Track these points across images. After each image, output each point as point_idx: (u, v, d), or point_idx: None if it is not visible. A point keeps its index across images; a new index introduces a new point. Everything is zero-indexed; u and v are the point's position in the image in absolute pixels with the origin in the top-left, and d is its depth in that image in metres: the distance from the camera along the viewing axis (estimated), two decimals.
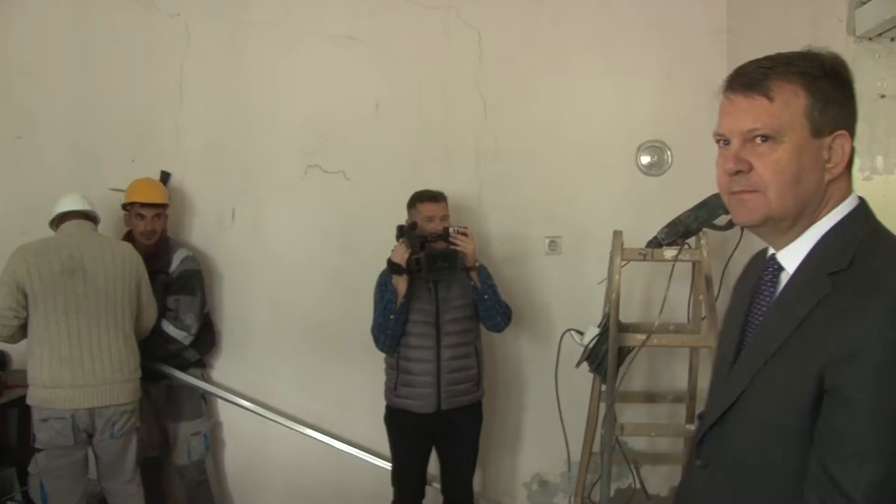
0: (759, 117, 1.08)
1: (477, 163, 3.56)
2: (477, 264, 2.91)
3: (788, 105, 1.07)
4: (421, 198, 2.96)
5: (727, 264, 3.02)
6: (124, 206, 3.39)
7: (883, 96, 2.17)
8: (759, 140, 1.08)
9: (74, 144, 3.66)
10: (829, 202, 1.11)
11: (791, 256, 1.14)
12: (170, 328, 3.29)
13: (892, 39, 2.14)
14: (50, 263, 2.91)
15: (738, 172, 1.09)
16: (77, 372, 2.89)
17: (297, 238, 3.63)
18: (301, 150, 3.60)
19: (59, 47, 3.66)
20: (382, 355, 3.06)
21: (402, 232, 2.86)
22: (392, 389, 2.97)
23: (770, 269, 1.19)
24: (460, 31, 3.51)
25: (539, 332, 3.55)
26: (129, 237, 3.35)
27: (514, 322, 3.10)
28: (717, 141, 1.15)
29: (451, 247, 2.82)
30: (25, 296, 2.88)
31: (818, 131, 1.08)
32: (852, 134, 1.10)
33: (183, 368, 3.38)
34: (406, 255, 2.78)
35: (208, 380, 3.57)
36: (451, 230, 2.84)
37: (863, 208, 1.13)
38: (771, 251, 1.19)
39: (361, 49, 3.57)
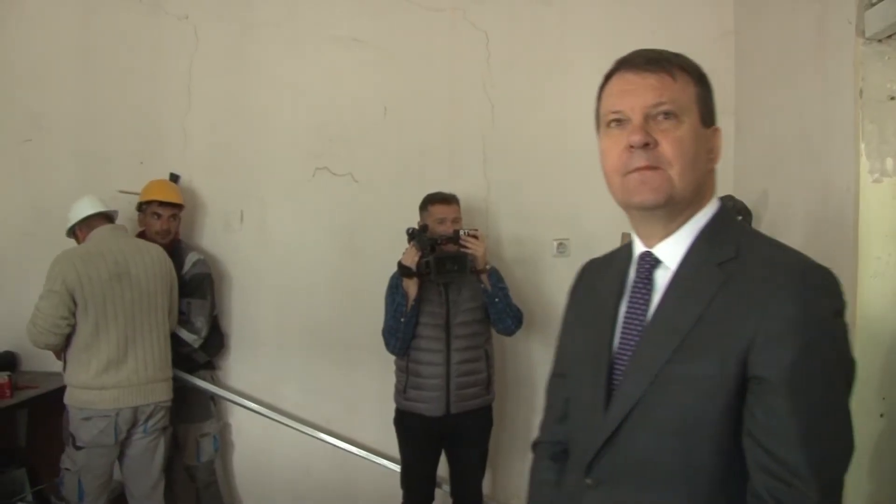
0: (664, 92, 1.07)
1: (485, 165, 3.56)
2: (488, 267, 2.91)
3: (686, 88, 1.09)
4: (433, 200, 2.97)
5: None
6: (139, 206, 3.40)
7: (892, 98, 2.16)
8: (661, 117, 1.07)
9: (82, 147, 3.69)
10: (707, 195, 1.14)
11: (670, 251, 1.12)
12: (181, 331, 3.30)
13: None
14: (98, 270, 2.92)
15: (645, 146, 1.07)
16: (122, 373, 2.94)
17: (305, 240, 3.64)
18: (309, 153, 3.61)
19: (66, 50, 3.69)
20: (390, 357, 3.07)
21: (412, 235, 2.86)
22: (401, 392, 2.97)
23: (644, 267, 1.15)
24: (467, 33, 3.51)
25: (548, 335, 3.54)
26: (141, 237, 3.36)
27: (523, 324, 3.09)
28: (608, 123, 1.12)
29: (462, 249, 2.82)
30: (75, 303, 2.89)
31: (705, 120, 1.11)
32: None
33: (192, 371, 3.39)
34: (416, 258, 2.78)
35: (217, 382, 3.58)
36: (461, 232, 2.84)
37: (726, 208, 1.18)
38: (640, 249, 1.17)
39: (367, 51, 3.57)
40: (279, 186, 3.64)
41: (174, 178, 3.62)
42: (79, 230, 3.13)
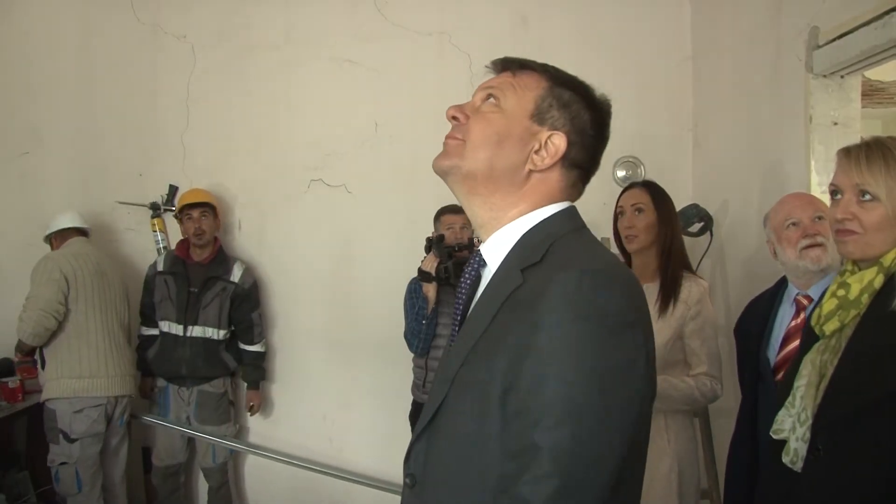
0: (494, 81, 1.12)
1: None
2: None
3: (526, 85, 1.10)
4: (444, 211, 3.23)
5: (697, 268, 3.40)
6: (177, 217, 3.61)
7: (836, 123, 2.55)
8: (487, 99, 1.10)
9: (81, 160, 3.84)
10: (530, 195, 1.09)
11: (493, 251, 1.10)
12: (260, 346, 3.64)
13: (842, 76, 2.52)
14: (86, 265, 3.23)
15: (454, 119, 1.12)
16: (111, 362, 3.23)
17: (301, 247, 3.85)
18: (304, 166, 3.83)
19: (66, 66, 3.84)
20: (386, 358, 3.32)
21: (430, 244, 3.12)
22: (420, 386, 3.17)
23: (473, 264, 1.16)
24: (452, 55, 3.78)
25: None
26: (183, 244, 3.58)
27: None
28: None
29: None
30: (68, 291, 3.15)
31: (537, 116, 1.08)
32: (578, 145, 1.09)
33: (226, 375, 3.62)
34: (435, 265, 3.04)
35: (237, 385, 3.76)
36: (475, 240, 3.12)
37: (570, 212, 1.11)
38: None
39: (360, 71, 3.81)
40: (276, 197, 3.86)
41: (173, 189, 3.80)
42: (54, 238, 3.41)
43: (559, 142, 1.08)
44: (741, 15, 3.15)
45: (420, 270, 3.03)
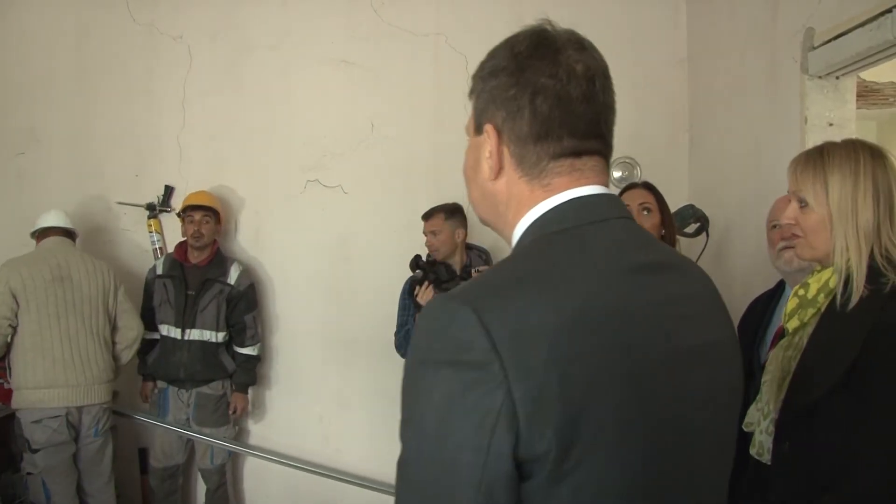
0: None
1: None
2: None
3: (472, 107, 0.98)
4: (423, 216, 3.24)
5: None
6: (179, 216, 3.59)
7: (831, 124, 2.56)
8: None
9: (78, 160, 3.83)
10: (511, 206, 0.93)
11: None
12: (252, 349, 3.58)
13: (837, 78, 2.53)
14: (41, 272, 3.14)
15: None
16: (69, 372, 3.13)
17: (297, 247, 3.85)
18: (301, 166, 3.83)
19: (62, 67, 3.83)
20: (384, 359, 3.31)
21: (417, 264, 3.09)
22: None
23: None
24: (448, 56, 3.78)
25: None
26: (181, 247, 3.57)
27: None
28: None
29: None
30: (17, 304, 3.08)
31: (476, 128, 0.96)
32: (510, 116, 0.90)
33: (224, 376, 3.58)
34: (431, 295, 2.99)
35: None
36: (473, 271, 3.09)
37: (550, 216, 0.89)
38: None
39: (357, 72, 3.82)
40: (272, 198, 3.85)
41: (168, 190, 3.80)
42: (38, 237, 3.37)
43: (488, 129, 0.92)
44: (737, 16, 3.16)
45: (416, 303, 3.01)
